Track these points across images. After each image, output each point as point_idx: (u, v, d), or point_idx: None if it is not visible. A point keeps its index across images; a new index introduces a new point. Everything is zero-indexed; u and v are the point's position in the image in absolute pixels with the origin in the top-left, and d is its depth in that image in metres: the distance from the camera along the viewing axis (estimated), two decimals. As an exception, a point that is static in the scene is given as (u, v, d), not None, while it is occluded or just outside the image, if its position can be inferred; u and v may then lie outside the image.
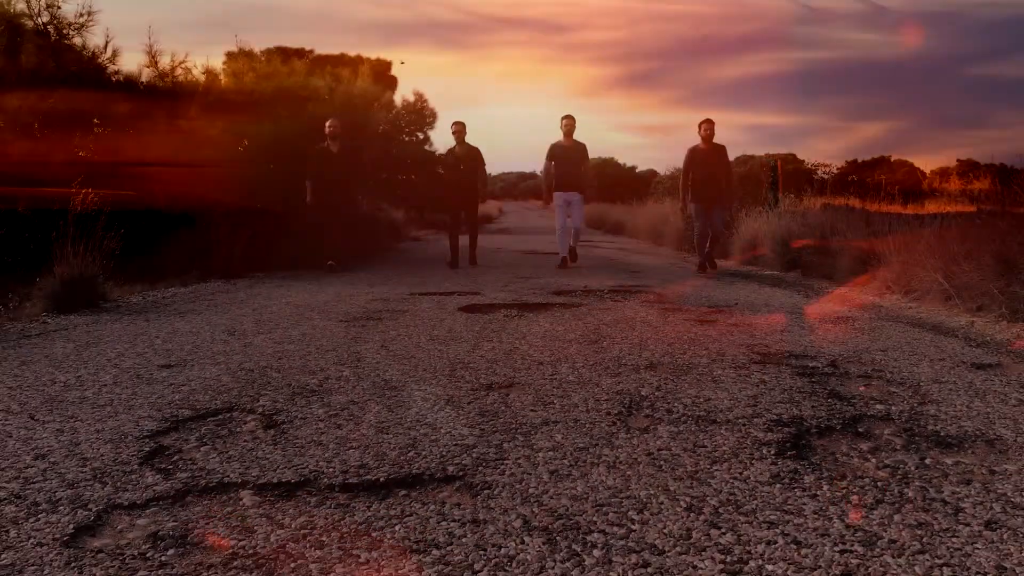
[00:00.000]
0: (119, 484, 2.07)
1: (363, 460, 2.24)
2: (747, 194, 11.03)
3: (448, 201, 9.65)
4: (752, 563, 1.62)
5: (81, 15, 8.91)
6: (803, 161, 23.47)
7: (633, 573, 1.57)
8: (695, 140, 8.64)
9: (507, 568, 1.59)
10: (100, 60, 9.13)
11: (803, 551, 1.68)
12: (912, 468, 2.26)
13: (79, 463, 2.24)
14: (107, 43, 9.13)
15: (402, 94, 18.07)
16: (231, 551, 1.67)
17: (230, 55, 17.69)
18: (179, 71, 9.68)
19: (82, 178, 5.71)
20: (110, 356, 3.84)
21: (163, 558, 1.64)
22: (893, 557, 1.67)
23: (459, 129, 9.16)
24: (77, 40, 9.08)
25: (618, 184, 28.79)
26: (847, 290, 7.08)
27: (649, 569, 1.59)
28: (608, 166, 34.35)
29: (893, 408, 2.91)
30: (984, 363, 3.87)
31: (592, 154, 10.00)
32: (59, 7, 8.92)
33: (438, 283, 7.27)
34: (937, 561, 1.66)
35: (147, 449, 2.35)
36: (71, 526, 1.81)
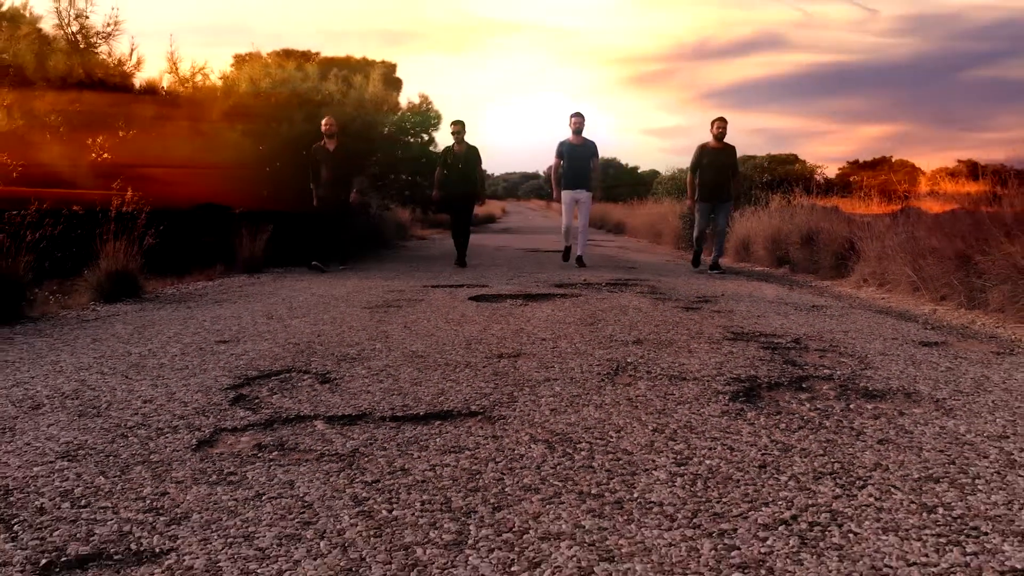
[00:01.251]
0: (219, 417, 2.74)
1: (405, 402, 2.92)
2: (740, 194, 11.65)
3: (446, 200, 9.71)
4: (695, 459, 2.29)
5: (108, 24, 9.60)
6: (804, 162, 24.12)
7: (608, 463, 2.24)
8: (699, 140, 8.79)
9: (519, 460, 2.27)
10: (126, 67, 9.82)
11: (734, 453, 2.35)
12: (837, 410, 2.93)
13: (181, 405, 2.91)
14: (132, 51, 9.83)
15: (407, 96, 18.75)
16: (321, 450, 2.34)
17: (238, 58, 18.38)
18: (199, 77, 10.37)
19: (121, 180, 6.39)
20: (168, 335, 4.51)
21: (270, 457, 2.32)
22: (800, 457, 2.34)
23: (458, 129, 9.39)
24: (104, 48, 9.78)
25: (620, 184, 29.45)
26: (828, 283, 7.75)
27: (620, 462, 2.26)
28: (611, 166, 35.02)
29: (837, 372, 3.58)
30: (931, 341, 4.54)
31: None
32: (87, 17, 9.62)
33: (447, 277, 7.94)
34: (831, 460, 2.32)
35: (231, 396, 3.03)
36: (194, 441, 2.48)
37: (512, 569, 1.62)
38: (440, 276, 8.09)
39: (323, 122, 9.07)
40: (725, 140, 8.72)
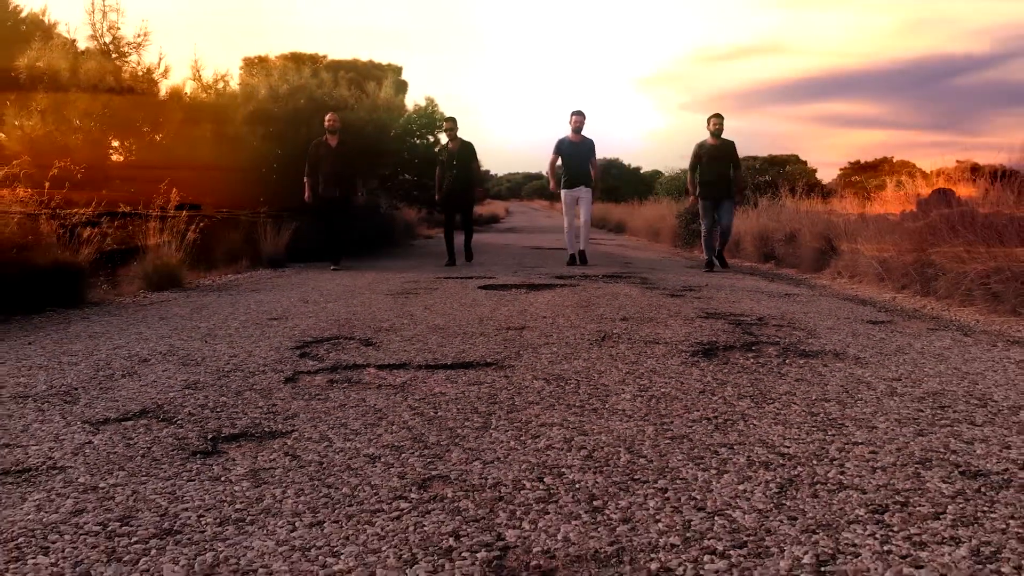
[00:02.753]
0: (293, 364, 3.66)
1: (434, 357, 3.84)
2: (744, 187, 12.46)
3: (443, 198, 9.95)
4: (653, 388, 3.21)
5: (138, 36, 10.56)
6: (805, 162, 25.02)
7: (589, 390, 3.16)
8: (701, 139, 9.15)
9: (524, 389, 3.18)
10: (154, 75, 10.76)
11: (683, 385, 3.27)
12: (774, 363, 3.83)
13: (261, 359, 3.83)
14: (160, 60, 10.78)
15: (413, 98, 19.70)
16: (378, 383, 3.26)
17: (247, 60, 19.29)
18: (220, 84, 11.32)
19: (168, 183, 7.35)
20: (223, 315, 5.43)
21: (342, 387, 3.24)
22: (731, 388, 3.25)
23: (451, 126, 9.80)
24: (134, 57, 10.73)
25: (622, 185, 30.36)
26: (807, 276, 8.66)
27: (598, 389, 3.18)
28: (613, 167, 35.93)
29: (785, 340, 4.48)
30: (878, 320, 5.44)
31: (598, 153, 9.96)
32: (118, 28, 10.58)
33: (456, 271, 8.86)
34: (754, 389, 3.23)
35: (298, 353, 3.95)
36: (282, 378, 3.40)
37: (521, 438, 2.53)
38: (450, 270, 9.02)
39: (326, 118, 9.41)
40: (723, 136, 9.06)
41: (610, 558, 1.69)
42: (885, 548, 1.77)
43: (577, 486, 2.12)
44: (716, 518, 1.91)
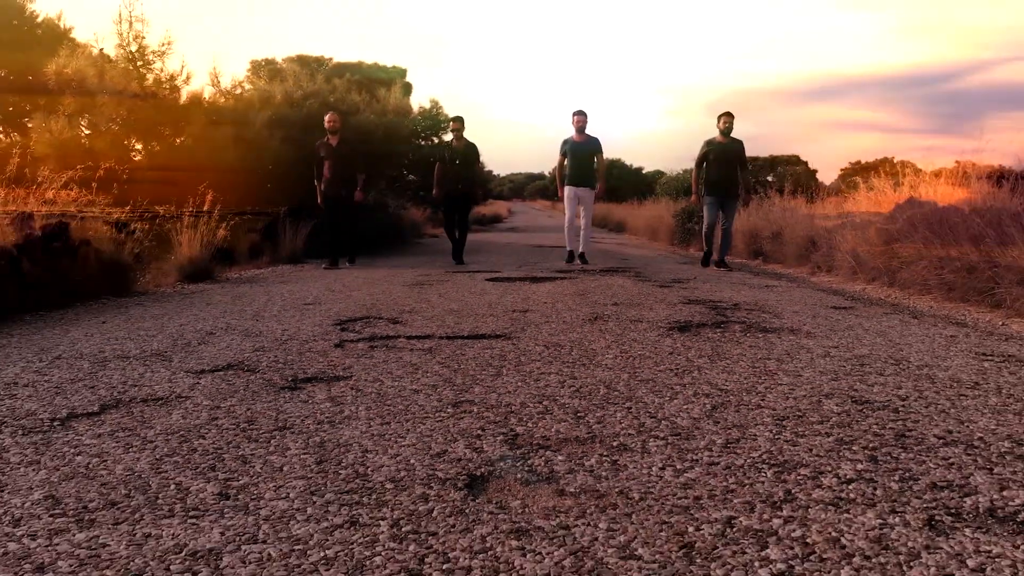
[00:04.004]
0: (338, 335, 4.56)
1: (453, 331, 4.74)
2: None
3: (443, 197, 10.18)
4: (632, 351, 4.11)
5: (162, 44, 11.47)
6: (806, 163, 25.92)
7: (580, 352, 4.06)
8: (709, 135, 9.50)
9: (528, 351, 4.08)
10: (176, 81, 11.68)
11: (656, 349, 4.17)
12: (736, 336, 4.72)
13: (309, 332, 4.73)
14: (183, 67, 11.70)
15: (418, 101, 20.63)
16: (410, 348, 4.16)
17: (254, 63, 20.20)
18: (238, 90, 12.24)
19: (206, 184, 8.27)
20: (262, 302, 6.32)
21: (383, 349, 4.13)
22: (695, 351, 4.14)
23: (458, 125, 10.12)
24: (157, 65, 11.64)
25: (625, 185, 31.26)
26: (791, 271, 9.55)
27: (587, 352, 4.08)
28: (615, 167, 36.82)
29: (752, 320, 5.37)
30: (842, 306, 6.32)
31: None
32: (144, 37, 11.49)
33: (464, 266, 9.76)
34: (714, 352, 4.12)
35: (338, 328, 4.85)
36: (331, 343, 4.30)
37: (526, 381, 3.43)
38: (458, 265, 9.91)
39: (326, 118, 9.77)
40: (732, 135, 9.35)
41: (587, 440, 2.59)
42: (776, 437, 2.66)
43: (567, 406, 3.01)
44: (663, 422, 2.81)
